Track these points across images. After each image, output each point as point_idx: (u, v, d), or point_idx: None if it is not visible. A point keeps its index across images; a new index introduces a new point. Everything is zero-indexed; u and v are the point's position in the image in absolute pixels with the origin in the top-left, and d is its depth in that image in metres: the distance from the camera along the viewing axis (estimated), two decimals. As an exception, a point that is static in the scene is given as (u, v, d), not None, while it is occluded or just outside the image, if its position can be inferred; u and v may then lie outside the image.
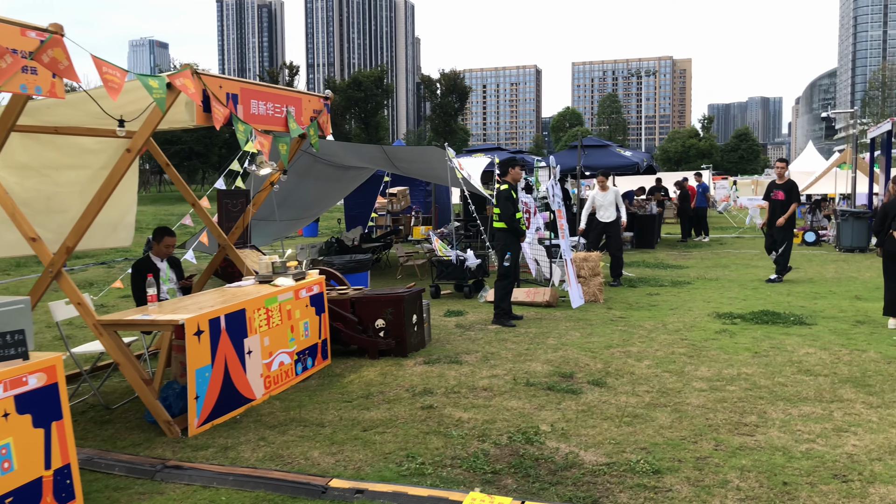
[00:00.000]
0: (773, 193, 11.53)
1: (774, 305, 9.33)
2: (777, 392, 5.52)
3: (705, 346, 7.14)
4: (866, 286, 10.91)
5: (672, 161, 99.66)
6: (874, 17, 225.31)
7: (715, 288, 11.03)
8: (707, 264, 14.32)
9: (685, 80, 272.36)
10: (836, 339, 7.36)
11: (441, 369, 6.32)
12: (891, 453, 4.24)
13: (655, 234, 18.83)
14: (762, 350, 6.91)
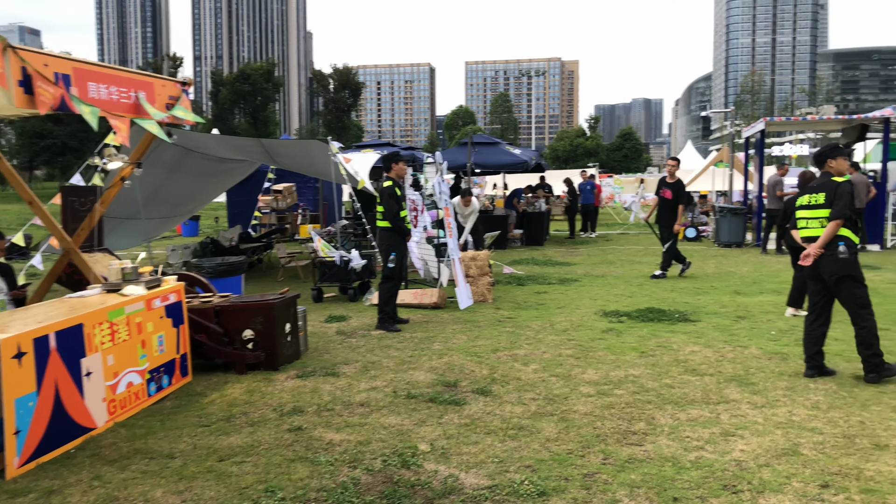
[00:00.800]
0: (661, 191, 11.75)
1: (659, 302, 9.35)
2: (664, 395, 5.35)
3: (592, 346, 6.96)
4: (744, 281, 11.19)
5: (561, 160, 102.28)
6: (744, 25, 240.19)
7: (602, 285, 11.01)
8: (594, 261, 14.41)
9: (573, 81, 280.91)
10: (719, 335, 7.36)
11: (315, 383, 5.80)
12: (777, 457, 4.10)
13: (544, 231, 18.92)
14: (649, 349, 6.79)
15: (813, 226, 5.83)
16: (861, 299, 5.66)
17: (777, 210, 15.08)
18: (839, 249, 5.63)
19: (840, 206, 5.60)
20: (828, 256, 5.65)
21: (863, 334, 5.65)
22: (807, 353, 5.89)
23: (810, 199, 5.88)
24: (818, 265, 5.72)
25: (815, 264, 5.76)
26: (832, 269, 5.64)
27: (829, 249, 5.65)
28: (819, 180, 5.88)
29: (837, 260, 5.61)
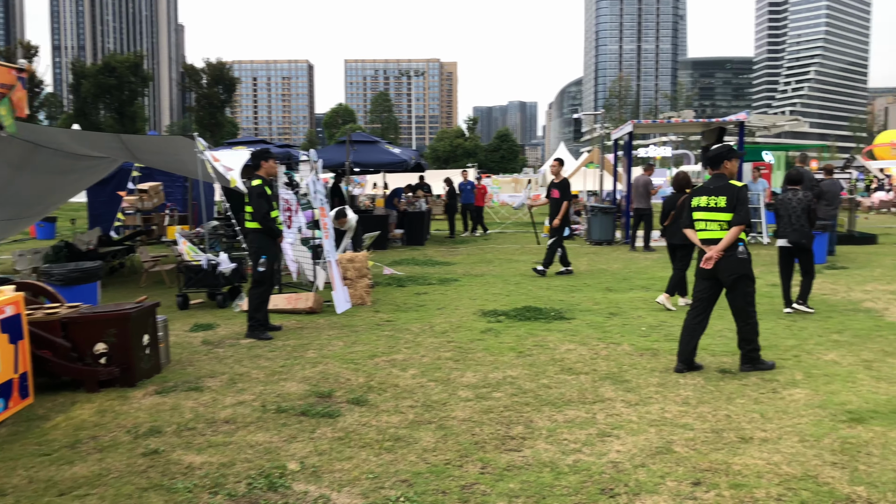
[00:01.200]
0: (551, 191, 12.21)
1: (536, 300, 9.44)
2: (542, 396, 5.31)
3: (471, 348, 6.87)
4: (615, 278, 11.53)
5: (441, 160, 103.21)
6: (612, 32, 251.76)
7: (481, 284, 11.02)
8: (473, 260, 14.46)
9: (452, 83, 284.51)
10: (593, 332, 7.47)
11: (176, 400, 5.36)
12: (652, 456, 4.12)
13: (425, 231, 18.86)
14: (526, 349, 6.78)
15: (712, 228, 5.96)
16: (751, 297, 5.87)
17: (646, 209, 15.73)
18: (739, 250, 5.82)
19: (743, 213, 5.79)
20: (728, 257, 5.81)
21: (747, 330, 5.86)
22: (681, 348, 6.04)
23: (709, 200, 5.98)
24: (716, 265, 5.87)
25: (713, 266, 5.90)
26: (732, 268, 5.79)
27: (729, 251, 5.82)
28: (716, 182, 6.01)
29: (737, 260, 5.79)
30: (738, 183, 5.90)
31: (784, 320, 7.95)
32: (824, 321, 7.87)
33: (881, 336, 7.08)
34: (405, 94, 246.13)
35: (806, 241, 8.37)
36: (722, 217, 5.87)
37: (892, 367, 5.94)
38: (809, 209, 8.36)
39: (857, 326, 7.54)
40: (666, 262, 13.21)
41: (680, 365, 6.01)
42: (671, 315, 8.35)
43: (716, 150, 6.11)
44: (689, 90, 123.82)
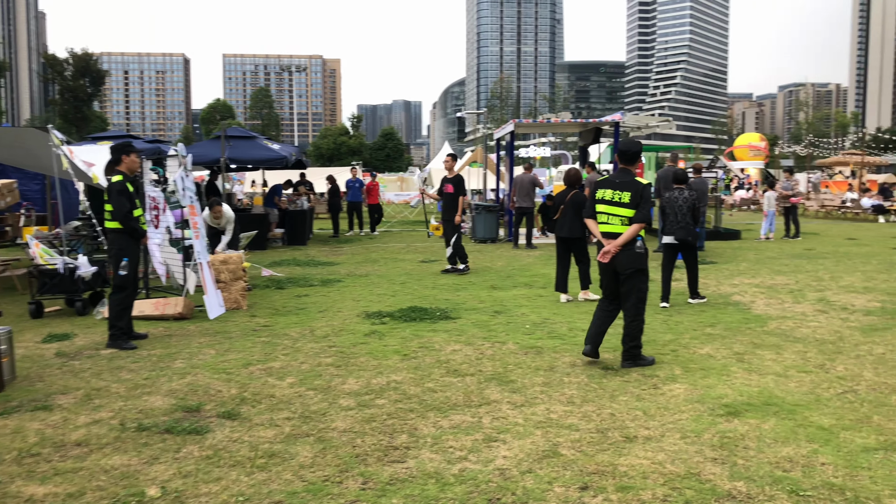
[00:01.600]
0: (444, 187, 12.07)
1: (421, 300, 9.27)
2: (427, 401, 5.12)
3: (354, 352, 6.59)
4: (499, 275, 11.56)
5: (325, 157, 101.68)
6: (493, 34, 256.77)
7: (365, 285, 10.74)
8: (358, 260, 14.14)
9: (335, 80, 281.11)
10: (478, 332, 7.37)
11: (19, 421, 4.77)
12: (539, 461, 4.01)
13: (307, 230, 18.32)
14: (411, 351, 6.58)
15: (614, 222, 5.96)
16: (644, 294, 5.92)
17: (528, 207, 15.94)
18: (637, 245, 5.85)
19: (645, 210, 5.82)
20: (625, 251, 5.84)
21: (633, 326, 5.89)
22: (590, 332, 6.04)
23: (614, 194, 5.97)
24: (614, 260, 5.88)
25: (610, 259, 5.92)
26: (628, 263, 5.83)
27: (626, 245, 5.84)
28: (622, 177, 6.00)
29: (634, 254, 5.83)
30: (644, 180, 5.93)
31: (661, 315, 8.16)
32: (698, 315, 8.14)
33: (750, 329, 7.38)
34: (287, 91, 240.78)
35: (691, 238, 8.69)
36: (624, 212, 5.89)
37: (761, 359, 6.17)
38: (695, 207, 8.69)
39: (728, 319, 7.84)
40: (548, 259, 13.43)
41: (587, 347, 6.05)
42: (554, 312, 8.40)
43: (635, 146, 6.12)
44: (566, 93, 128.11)
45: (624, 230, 5.86)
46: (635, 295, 5.88)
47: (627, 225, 5.86)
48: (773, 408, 4.85)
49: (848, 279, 10.50)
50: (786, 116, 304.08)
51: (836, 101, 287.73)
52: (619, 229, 5.90)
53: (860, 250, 14.44)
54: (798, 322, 7.63)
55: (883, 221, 22.60)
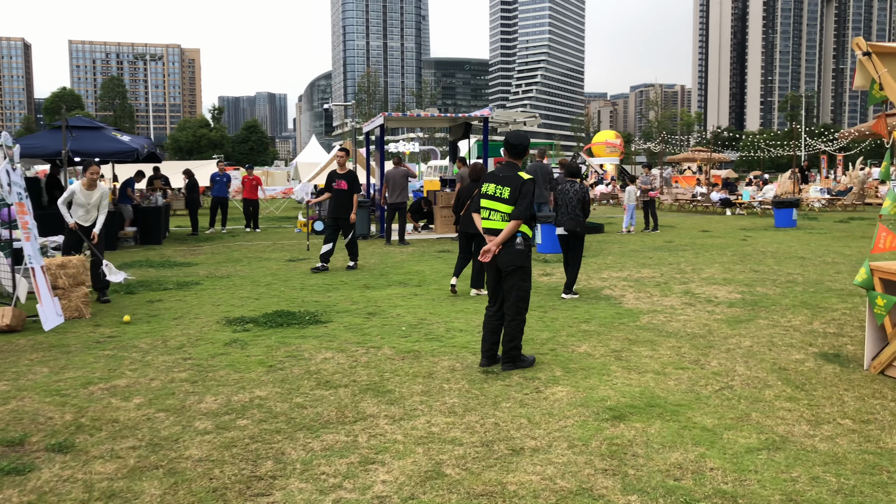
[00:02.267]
0: (336, 182, 11.38)
1: (289, 303, 8.69)
2: (296, 419, 4.63)
3: (213, 364, 5.97)
4: (372, 274, 11.13)
5: (184, 151, 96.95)
6: (359, 28, 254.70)
7: (226, 287, 9.99)
8: (218, 260, 13.25)
9: (195, 70, 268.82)
10: (351, 336, 6.92)
11: None
12: (421, 484, 3.65)
13: (162, 228, 17.06)
14: (277, 361, 6.04)
15: (495, 218, 5.69)
16: (524, 293, 5.68)
17: (401, 203, 15.59)
18: (517, 241, 5.61)
19: (524, 207, 5.56)
20: (506, 247, 5.61)
21: (513, 326, 5.66)
22: (484, 345, 5.81)
23: (496, 189, 5.70)
24: (496, 257, 5.66)
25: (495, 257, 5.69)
26: (508, 260, 5.60)
27: (507, 242, 5.61)
28: (506, 171, 5.72)
29: (514, 251, 5.60)
30: (526, 175, 5.68)
31: (536, 312, 8.05)
32: (572, 311, 8.10)
33: (623, 324, 7.40)
34: (142, 81, 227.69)
35: (580, 230, 8.86)
36: (504, 208, 5.64)
37: (638, 356, 6.14)
38: (584, 200, 8.89)
39: (602, 315, 7.84)
40: (421, 255, 13.15)
41: (484, 360, 5.81)
42: (430, 312, 8.09)
43: (523, 140, 5.84)
44: (433, 88, 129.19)
45: (504, 226, 5.63)
46: (515, 293, 5.66)
47: (507, 221, 5.62)
48: (657, 409, 4.75)
49: (708, 271, 10.92)
50: (637, 115, 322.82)
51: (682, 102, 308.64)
52: (499, 225, 5.67)
53: (714, 242, 15.21)
54: (668, 316, 7.74)
55: (730, 214, 24.14)
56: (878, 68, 5.23)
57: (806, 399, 4.94)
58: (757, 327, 7.14)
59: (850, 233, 16.94)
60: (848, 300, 8.44)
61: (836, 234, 16.72)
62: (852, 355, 6.06)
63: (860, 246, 14.04)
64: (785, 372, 5.59)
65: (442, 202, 16.80)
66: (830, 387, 5.21)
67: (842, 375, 5.48)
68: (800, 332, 6.94)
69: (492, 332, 5.82)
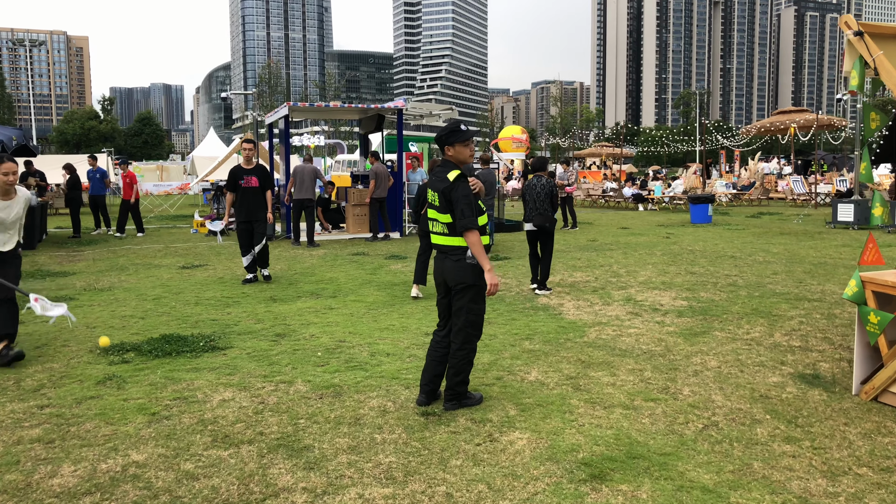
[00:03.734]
0: (244, 179, 9.70)
1: (180, 323, 7.40)
2: (184, 498, 3.49)
3: (78, 414, 4.70)
4: (279, 283, 9.91)
5: (71, 144, 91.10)
6: (259, 18, 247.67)
7: (106, 303, 8.55)
8: (101, 267, 11.65)
9: (83, 59, 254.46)
10: (256, 367, 5.77)
11: None
12: None
13: (37, 230, 15.12)
14: (163, 407, 4.83)
15: (437, 230, 4.69)
16: (477, 316, 4.69)
17: (309, 200, 14.35)
18: (468, 254, 4.58)
19: (462, 214, 4.51)
20: (452, 260, 4.60)
21: (460, 357, 4.67)
22: (425, 376, 4.80)
23: (432, 196, 4.69)
24: (443, 271, 4.66)
25: (440, 271, 4.69)
26: (456, 275, 4.60)
27: (454, 254, 4.60)
28: (437, 173, 4.69)
29: (463, 266, 4.58)
30: (452, 174, 4.65)
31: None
32: (509, 324, 7.21)
33: (570, 341, 6.56)
34: (24, 69, 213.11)
35: (549, 225, 8.77)
36: (442, 218, 4.62)
37: (598, 384, 5.28)
38: (553, 194, 8.82)
39: (543, 329, 6.98)
40: (334, 259, 11.97)
41: (422, 396, 4.80)
42: (349, 331, 7.01)
43: (442, 129, 4.79)
44: (337, 81, 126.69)
45: (448, 242, 4.63)
46: (465, 317, 4.66)
47: (449, 234, 4.63)
48: (641, 461, 3.89)
49: (643, 273, 10.30)
50: (539, 111, 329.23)
51: (581, 98, 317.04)
52: (442, 241, 4.67)
53: (639, 240, 14.75)
54: (617, 329, 6.96)
55: (642, 210, 24.06)
56: (871, 50, 4.55)
57: (807, 439, 4.20)
58: (716, 342, 6.45)
59: (767, 228, 16.94)
60: (798, 305, 7.93)
61: (755, 230, 16.67)
62: (833, 376, 5.42)
63: (783, 243, 13.88)
64: (769, 401, 4.86)
65: (354, 199, 15.64)
66: (827, 420, 4.51)
67: (832, 404, 4.80)
68: (763, 346, 6.29)
69: (437, 362, 4.82)
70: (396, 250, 13.48)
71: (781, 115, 29.04)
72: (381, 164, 14.81)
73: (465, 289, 4.63)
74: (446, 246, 4.64)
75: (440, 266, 4.71)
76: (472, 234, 4.54)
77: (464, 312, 4.67)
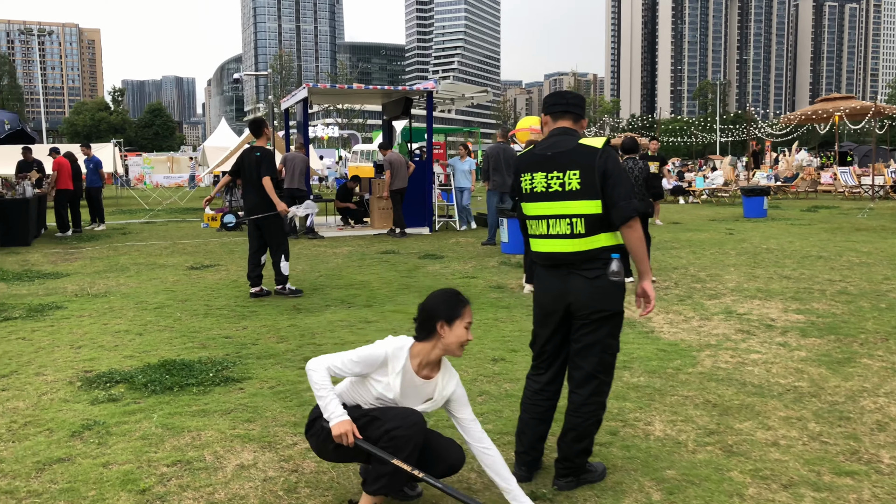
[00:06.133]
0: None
1: (185, 341, 6.00)
2: None
3: (34, 495, 3.31)
4: (302, 286, 8.50)
5: (81, 135, 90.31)
6: (271, 10, 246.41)
7: (99, 313, 7.17)
8: (98, 267, 10.29)
9: (95, 51, 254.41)
10: (282, 409, 4.36)
11: None
12: None
13: (32, 225, 13.82)
14: (158, 478, 3.44)
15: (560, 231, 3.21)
16: (613, 356, 3.28)
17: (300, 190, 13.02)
18: (611, 269, 3.14)
19: (628, 201, 3.08)
20: (589, 280, 3.14)
21: (586, 415, 3.25)
22: (524, 441, 3.38)
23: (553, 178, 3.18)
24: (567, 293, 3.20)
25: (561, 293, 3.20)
26: (598, 301, 3.15)
27: (591, 268, 3.15)
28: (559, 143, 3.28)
29: (608, 286, 3.13)
30: (597, 141, 3.19)
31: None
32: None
33: (681, 371, 5.11)
34: (38, 62, 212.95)
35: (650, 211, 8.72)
36: (578, 208, 3.15)
37: (751, 441, 3.84)
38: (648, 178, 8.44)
39: (641, 354, 5.54)
40: (361, 258, 10.52)
41: (521, 469, 3.37)
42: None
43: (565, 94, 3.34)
44: (349, 72, 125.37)
45: (580, 246, 3.18)
46: (597, 357, 3.23)
47: (586, 235, 3.17)
48: None
49: (729, 278, 8.80)
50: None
51: (595, 90, 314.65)
52: (567, 247, 3.20)
53: (700, 237, 13.24)
54: (734, 354, 5.51)
55: (683, 203, 22.51)
56: None
57: None
58: (874, 374, 4.99)
59: (835, 223, 15.37)
60: (942, 321, 6.45)
61: (822, 225, 15.11)
62: None
63: (867, 240, 12.32)
64: None
65: (379, 191, 14.22)
66: None
67: None
68: (940, 381, 4.83)
69: (538, 420, 3.40)
70: (430, 248, 12.07)
71: (825, 102, 27.38)
72: (395, 153, 13.44)
73: (605, 319, 3.19)
74: (576, 254, 3.17)
75: (560, 286, 3.23)
76: (637, 225, 3.10)
77: (597, 351, 3.22)
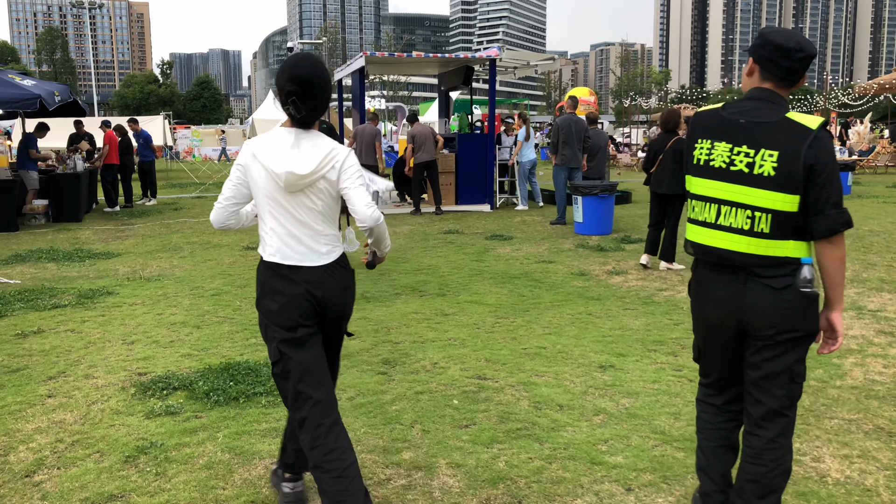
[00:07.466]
0: None
1: (246, 336, 5.39)
2: None
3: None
4: (368, 275, 7.85)
5: (131, 108, 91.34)
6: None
7: (152, 300, 6.62)
8: (151, 246, 9.80)
9: (144, 25, 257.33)
10: (368, 432, 3.70)
11: None
12: None
13: (83, 200, 13.45)
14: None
15: (735, 224, 2.43)
16: (801, 387, 2.50)
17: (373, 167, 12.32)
18: (802, 277, 2.36)
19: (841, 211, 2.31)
20: (774, 292, 2.38)
21: (774, 460, 2.49)
22: (710, 478, 2.68)
23: (740, 153, 2.38)
24: (742, 308, 2.45)
25: (736, 304, 2.46)
26: (786, 319, 2.39)
27: (774, 276, 2.39)
28: (758, 111, 2.38)
29: (798, 300, 2.37)
30: (811, 120, 2.36)
31: (655, 354, 4.89)
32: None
33: (828, 385, 4.30)
34: (89, 36, 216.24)
35: None
36: (765, 200, 2.36)
37: None
38: None
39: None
40: (424, 239, 9.76)
41: None
42: (486, 357, 4.88)
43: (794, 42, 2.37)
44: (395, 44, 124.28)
45: (762, 250, 2.38)
46: (786, 388, 2.46)
47: (770, 237, 2.38)
48: None
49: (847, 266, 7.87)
50: (598, 74, 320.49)
51: (642, 60, 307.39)
52: (745, 246, 2.41)
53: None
54: (887, 364, 4.66)
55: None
56: None
57: None
58: None
59: (926, 202, 14.13)
60: None
61: (914, 203, 13.88)
62: None
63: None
64: None
65: (441, 167, 13.47)
66: None
67: None
68: None
69: (725, 450, 2.67)
70: (494, 227, 11.31)
71: (905, 70, 25.52)
72: (421, 124, 12.69)
73: (795, 341, 2.41)
74: (754, 258, 2.40)
75: (733, 296, 2.45)
76: (841, 243, 2.33)
77: (783, 382, 2.46)
